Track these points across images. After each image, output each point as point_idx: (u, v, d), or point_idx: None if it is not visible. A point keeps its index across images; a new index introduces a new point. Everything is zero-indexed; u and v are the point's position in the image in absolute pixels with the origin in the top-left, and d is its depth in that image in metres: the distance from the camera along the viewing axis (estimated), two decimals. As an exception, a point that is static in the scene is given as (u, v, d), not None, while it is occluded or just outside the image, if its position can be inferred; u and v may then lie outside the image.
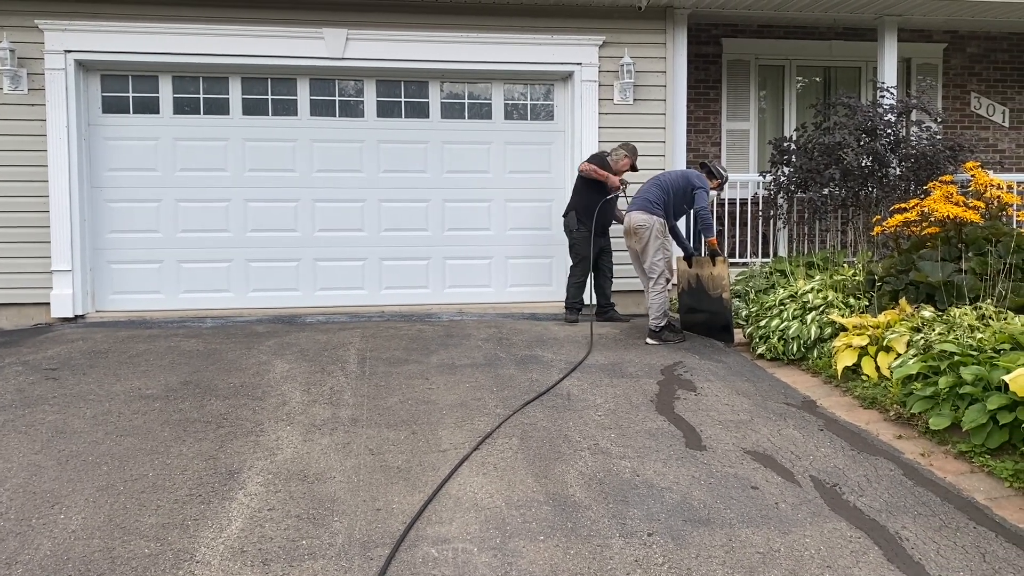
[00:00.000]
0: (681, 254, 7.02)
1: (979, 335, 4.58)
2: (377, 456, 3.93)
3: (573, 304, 7.30)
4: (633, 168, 7.27)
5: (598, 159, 7.12)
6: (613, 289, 7.46)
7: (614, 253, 7.45)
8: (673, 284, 6.94)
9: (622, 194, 7.16)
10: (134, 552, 2.99)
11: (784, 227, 8.58)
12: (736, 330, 6.54)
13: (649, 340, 6.44)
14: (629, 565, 2.95)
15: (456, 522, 3.26)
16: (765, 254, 8.63)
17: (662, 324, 6.45)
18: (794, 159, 8.16)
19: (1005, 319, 4.84)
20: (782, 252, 8.56)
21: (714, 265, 6.42)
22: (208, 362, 5.60)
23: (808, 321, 5.74)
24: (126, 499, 3.43)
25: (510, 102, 8.15)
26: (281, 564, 2.92)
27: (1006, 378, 3.81)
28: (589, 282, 7.38)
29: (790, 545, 3.12)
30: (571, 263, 7.31)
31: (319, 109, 7.84)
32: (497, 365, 5.60)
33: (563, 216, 7.33)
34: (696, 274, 6.68)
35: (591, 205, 7.08)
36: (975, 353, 4.36)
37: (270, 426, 4.31)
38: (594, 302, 7.43)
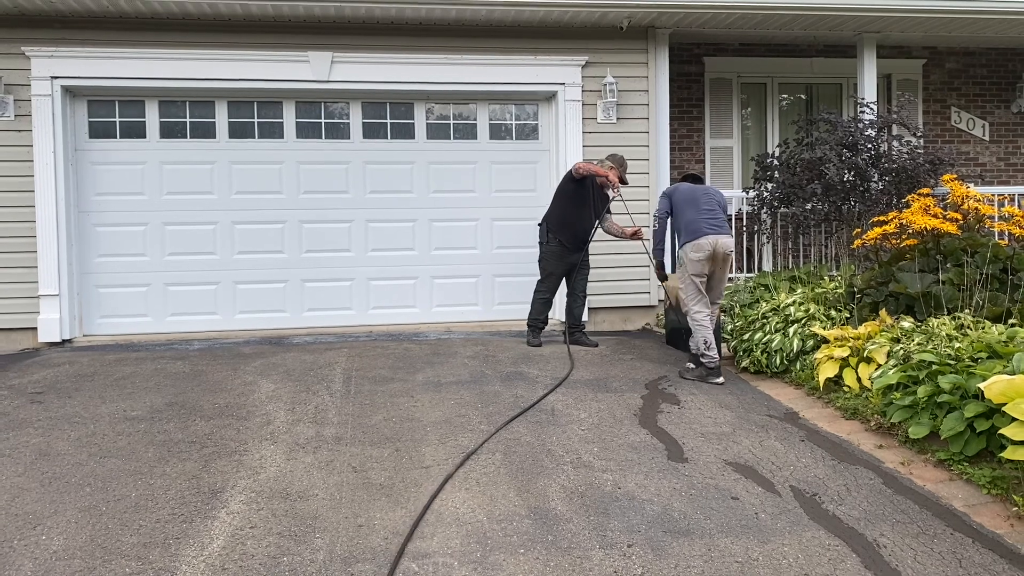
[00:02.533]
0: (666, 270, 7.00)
1: (957, 344, 4.63)
2: (360, 473, 3.94)
3: (535, 322, 6.97)
4: (622, 181, 6.87)
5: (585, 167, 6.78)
6: (602, 306, 7.37)
7: (592, 269, 7.17)
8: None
9: (619, 197, 6.91)
10: (115, 572, 2.99)
11: (768, 242, 8.65)
12: (721, 344, 6.55)
13: (718, 381, 5.69)
14: (608, 576, 2.97)
15: (437, 537, 3.27)
16: (750, 269, 8.69)
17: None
18: (777, 175, 8.24)
19: (983, 328, 4.90)
20: (767, 267, 8.63)
21: None
22: (194, 384, 5.61)
23: (790, 334, 5.79)
24: (108, 520, 3.43)
25: (495, 122, 8.23)
26: (261, 581, 2.93)
27: (982, 386, 3.85)
28: (557, 299, 7.11)
29: (768, 554, 3.15)
30: (539, 277, 7.01)
31: (305, 131, 7.90)
32: (482, 382, 5.63)
33: (538, 225, 7.07)
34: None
35: (565, 218, 6.80)
36: (953, 362, 4.41)
37: (254, 445, 4.32)
38: (560, 319, 7.13)
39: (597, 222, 6.97)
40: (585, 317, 7.21)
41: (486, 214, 8.16)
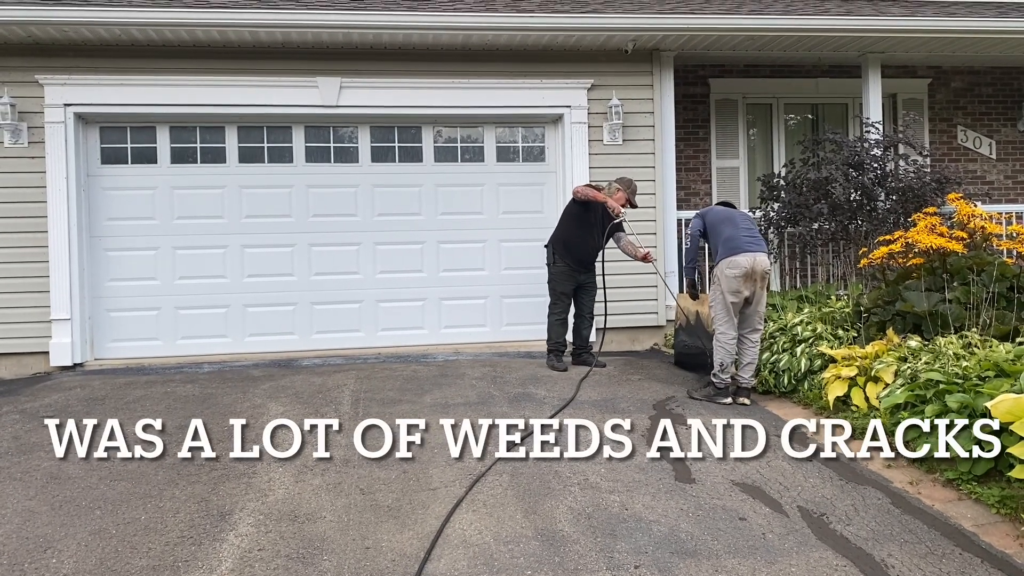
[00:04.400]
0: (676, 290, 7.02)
1: (964, 363, 4.62)
2: (368, 495, 3.96)
3: (556, 346, 6.94)
4: (631, 204, 6.91)
5: (589, 188, 6.81)
6: (610, 326, 7.34)
7: (598, 290, 7.14)
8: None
9: (625, 220, 6.88)
10: (124, 594, 3.02)
11: (775, 262, 8.66)
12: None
13: (746, 400, 5.73)
14: (615, 597, 2.97)
15: (445, 559, 3.29)
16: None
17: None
18: (783, 195, 8.28)
19: (990, 347, 4.89)
20: (774, 287, 8.63)
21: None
22: (203, 407, 5.65)
23: (798, 354, 5.79)
24: (118, 542, 3.46)
25: (502, 144, 8.30)
26: (269, 603, 2.94)
27: (989, 405, 3.85)
28: (571, 319, 7.09)
29: (776, 574, 3.14)
30: (550, 300, 7.00)
31: (314, 155, 7.99)
32: (490, 403, 5.64)
33: (545, 247, 7.08)
34: (696, 311, 6.69)
35: (571, 239, 6.82)
36: (960, 381, 4.40)
37: (262, 468, 4.34)
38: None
39: (603, 244, 6.96)
40: (593, 338, 7.20)
41: (494, 235, 8.21)
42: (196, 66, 7.48)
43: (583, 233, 6.86)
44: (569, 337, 7.13)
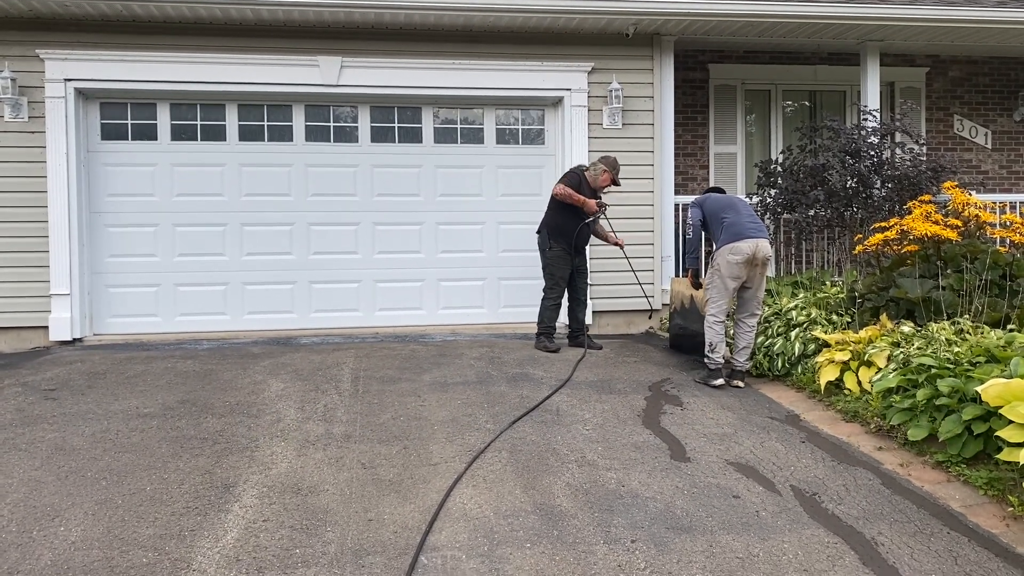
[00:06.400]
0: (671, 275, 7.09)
1: (956, 349, 4.71)
2: (369, 470, 4.03)
3: (549, 329, 6.97)
4: (615, 183, 7.00)
5: (575, 176, 6.90)
6: (605, 309, 7.45)
7: (590, 273, 7.21)
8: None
9: (603, 216, 7.02)
10: (132, 562, 3.08)
11: (771, 247, 8.72)
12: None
13: (740, 383, 5.81)
14: (612, 570, 3.05)
15: (446, 531, 3.36)
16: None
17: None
18: (780, 181, 8.34)
19: (981, 333, 4.98)
20: (770, 272, 8.70)
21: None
22: (204, 382, 5.70)
23: (792, 338, 5.87)
24: (124, 512, 3.52)
25: (502, 127, 8.32)
26: (276, 572, 3.01)
27: (979, 389, 3.93)
28: (564, 304, 7.16)
29: (769, 550, 3.23)
30: (545, 284, 7.02)
31: (314, 135, 8.00)
32: (488, 383, 5.71)
33: (536, 233, 7.14)
34: (690, 295, 6.75)
35: (564, 225, 6.86)
36: (952, 366, 4.48)
37: (265, 442, 4.41)
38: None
39: (591, 231, 7.07)
40: (589, 320, 7.26)
41: (492, 218, 8.25)
42: (197, 43, 7.47)
43: (574, 218, 6.90)
44: (564, 320, 7.19)
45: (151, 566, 3.04)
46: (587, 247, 7.18)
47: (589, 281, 7.34)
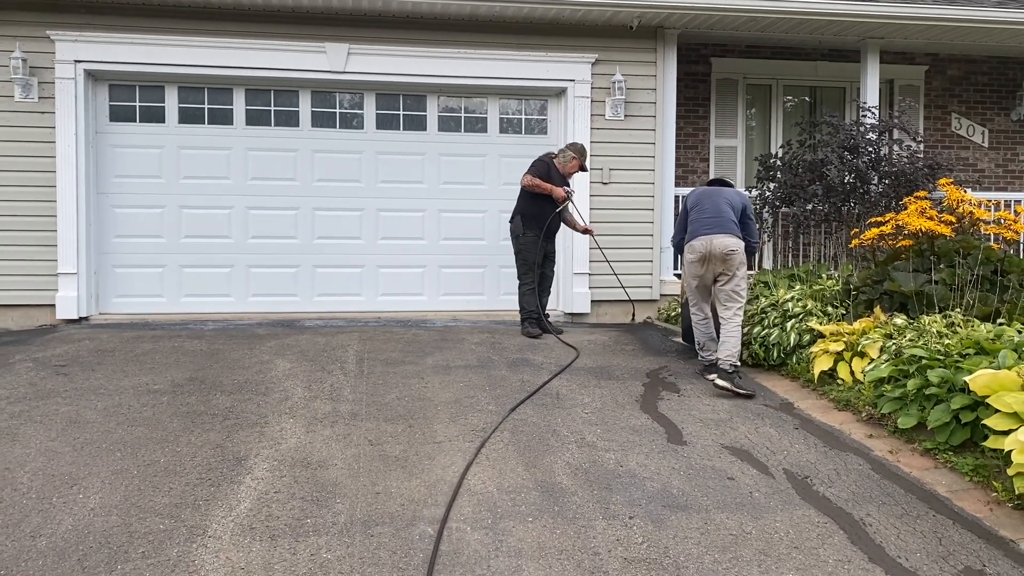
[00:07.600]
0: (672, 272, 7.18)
1: (947, 341, 4.84)
2: (376, 446, 4.15)
3: (531, 314, 7.15)
4: (582, 169, 7.27)
5: (543, 165, 7.10)
6: (604, 299, 7.57)
7: (593, 263, 7.41)
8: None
9: (571, 202, 7.22)
10: (150, 528, 3.20)
11: (769, 240, 8.86)
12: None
13: (720, 382, 5.31)
14: (611, 543, 3.18)
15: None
16: (751, 266, 8.87)
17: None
18: (779, 175, 8.45)
19: (972, 326, 5.11)
20: (767, 265, 8.85)
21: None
22: (212, 361, 5.82)
23: (788, 328, 5.99)
24: (140, 482, 3.64)
25: (505, 116, 8.42)
26: (288, 539, 3.14)
27: (967, 379, 4.07)
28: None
29: (761, 528, 3.36)
30: (518, 271, 7.22)
31: (320, 121, 8.10)
32: (490, 367, 5.83)
33: (509, 221, 7.29)
34: None
35: (537, 212, 7.06)
36: (942, 358, 4.62)
37: (274, 419, 4.53)
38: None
39: (560, 213, 7.22)
40: (552, 305, 7.37)
41: (494, 206, 8.35)
42: (206, 27, 7.56)
43: (545, 204, 7.11)
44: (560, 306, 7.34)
45: (169, 532, 3.17)
46: (557, 234, 7.37)
47: (588, 270, 7.49)
